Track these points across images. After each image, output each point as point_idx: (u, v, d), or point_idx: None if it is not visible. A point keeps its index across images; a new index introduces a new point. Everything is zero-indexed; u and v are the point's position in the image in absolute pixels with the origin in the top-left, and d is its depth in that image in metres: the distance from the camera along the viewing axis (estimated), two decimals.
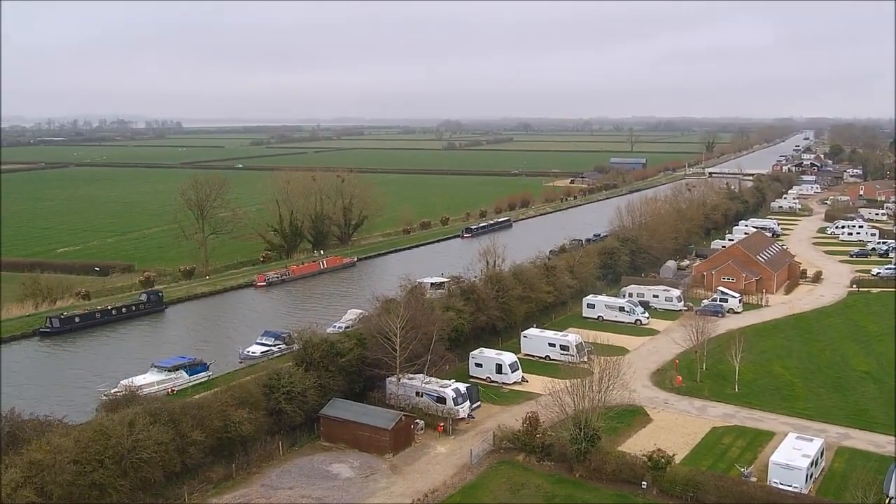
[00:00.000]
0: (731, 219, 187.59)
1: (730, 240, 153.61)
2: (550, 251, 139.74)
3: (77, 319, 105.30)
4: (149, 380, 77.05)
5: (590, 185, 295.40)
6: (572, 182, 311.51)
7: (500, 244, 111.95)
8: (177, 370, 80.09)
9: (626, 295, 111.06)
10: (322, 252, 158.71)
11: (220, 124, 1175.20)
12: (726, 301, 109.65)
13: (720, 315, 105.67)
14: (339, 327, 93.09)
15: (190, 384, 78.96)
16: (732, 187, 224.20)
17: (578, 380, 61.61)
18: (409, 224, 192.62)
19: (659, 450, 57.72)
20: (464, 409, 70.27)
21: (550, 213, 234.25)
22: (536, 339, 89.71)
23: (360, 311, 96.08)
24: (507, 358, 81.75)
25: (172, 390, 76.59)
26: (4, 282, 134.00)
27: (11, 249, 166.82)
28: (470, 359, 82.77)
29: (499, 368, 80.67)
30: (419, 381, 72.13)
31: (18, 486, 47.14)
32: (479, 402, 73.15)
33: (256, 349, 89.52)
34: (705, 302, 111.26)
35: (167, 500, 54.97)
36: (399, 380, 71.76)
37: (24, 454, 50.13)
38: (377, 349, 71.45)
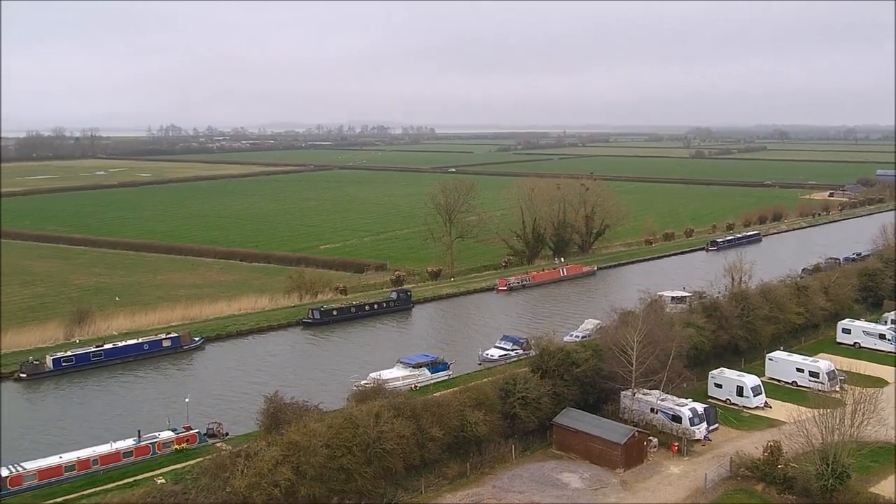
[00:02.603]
0: None
1: None
2: (803, 269, 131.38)
3: (335, 312, 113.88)
4: (394, 374, 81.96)
5: (851, 199, 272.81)
6: (831, 195, 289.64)
7: (747, 259, 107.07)
8: (420, 367, 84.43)
9: (889, 321, 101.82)
10: (562, 259, 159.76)
11: (470, 130, 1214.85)
12: None
13: None
14: (576, 336, 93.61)
15: (431, 382, 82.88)
16: None
17: (828, 410, 57.67)
18: (652, 234, 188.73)
19: None
20: (700, 431, 68.22)
21: (805, 227, 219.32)
22: (783, 363, 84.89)
23: (598, 321, 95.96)
24: (750, 380, 78.12)
25: (415, 386, 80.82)
26: (275, 274, 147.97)
27: (281, 245, 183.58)
28: (709, 379, 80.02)
29: (740, 391, 77.34)
30: (654, 397, 70.94)
31: (278, 464, 52.20)
32: (716, 425, 70.66)
33: (495, 352, 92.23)
34: None
35: (405, 491, 58.36)
36: (634, 394, 71.01)
37: (284, 434, 55.41)
38: (613, 362, 71.17)
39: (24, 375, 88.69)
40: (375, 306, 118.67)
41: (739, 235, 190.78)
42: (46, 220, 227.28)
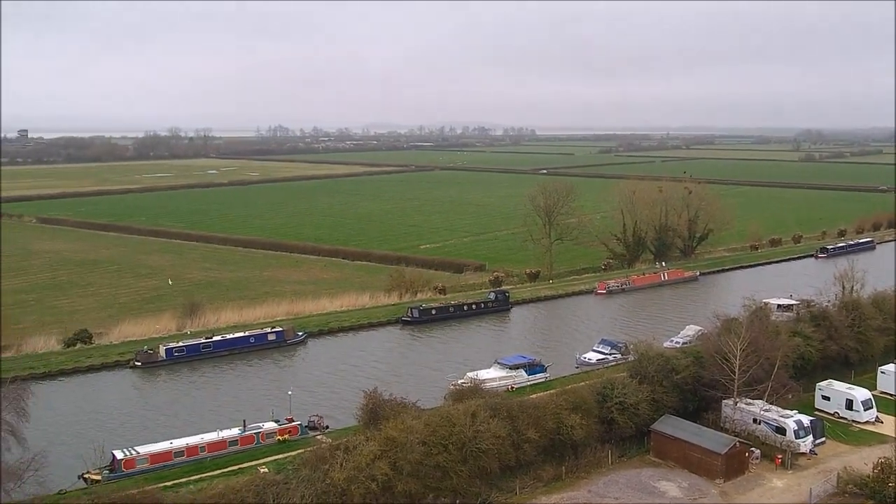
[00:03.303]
0: None
1: None
2: None
3: (434, 312, 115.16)
4: (491, 375, 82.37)
5: None
6: None
7: (859, 267, 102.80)
8: (517, 369, 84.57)
9: None
10: (664, 264, 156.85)
11: (571, 132, 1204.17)
12: None
13: None
14: (676, 343, 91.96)
15: (528, 384, 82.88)
16: None
17: None
18: (758, 240, 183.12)
19: None
20: (805, 444, 66.04)
21: None
22: None
23: (699, 327, 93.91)
24: (860, 394, 75.07)
25: (512, 387, 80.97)
26: (376, 272, 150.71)
27: (383, 243, 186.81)
28: (816, 391, 77.27)
29: (849, 404, 74.41)
30: (758, 407, 69.05)
31: (376, 458, 53.37)
32: (823, 439, 68.26)
33: (593, 356, 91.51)
34: None
35: (500, 491, 58.71)
36: (736, 404, 69.32)
37: (382, 430, 56.57)
38: (714, 369, 69.66)
39: (139, 364, 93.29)
40: (474, 306, 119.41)
41: (851, 242, 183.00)
42: (162, 217, 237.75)
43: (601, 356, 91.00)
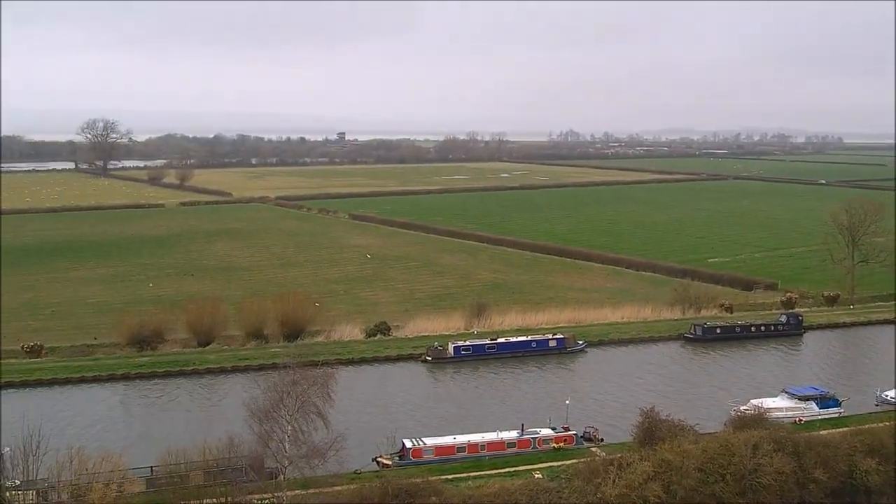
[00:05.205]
0: None
1: None
2: None
3: (718, 330, 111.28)
4: (778, 404, 78.33)
5: None
6: None
7: None
8: (807, 400, 79.67)
9: None
10: None
11: (884, 140, 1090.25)
12: None
13: None
14: None
15: (818, 418, 77.66)
16: None
17: None
18: None
19: None
20: None
21: None
22: None
23: None
24: None
25: (799, 420, 76.46)
26: (660, 284, 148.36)
27: (668, 255, 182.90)
28: None
29: None
30: None
31: (649, 479, 53.45)
32: None
33: None
34: None
35: None
36: None
37: (657, 451, 56.42)
38: None
39: (430, 359, 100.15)
40: (762, 328, 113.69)
41: None
42: (457, 217, 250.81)
43: None
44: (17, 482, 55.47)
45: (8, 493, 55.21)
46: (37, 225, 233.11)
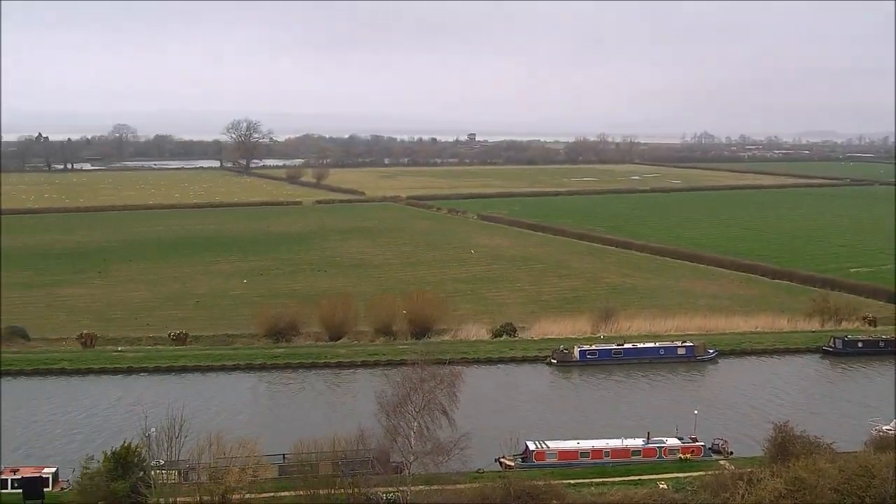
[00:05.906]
0: None
1: None
2: None
3: (860, 344, 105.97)
4: None
5: None
6: None
7: None
8: None
9: None
10: None
11: None
12: None
13: None
14: None
15: None
16: None
17: None
18: None
19: None
20: None
21: None
22: None
23: None
24: None
25: None
26: (797, 293, 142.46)
27: (807, 263, 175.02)
28: None
29: None
30: None
31: (780, 497, 51.60)
32: None
33: None
34: None
35: None
36: None
37: (790, 468, 54.44)
38: None
39: (555, 361, 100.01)
40: None
41: None
42: (585, 220, 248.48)
43: None
44: (162, 462, 59.14)
45: (153, 472, 59.02)
46: (185, 220, 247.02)
